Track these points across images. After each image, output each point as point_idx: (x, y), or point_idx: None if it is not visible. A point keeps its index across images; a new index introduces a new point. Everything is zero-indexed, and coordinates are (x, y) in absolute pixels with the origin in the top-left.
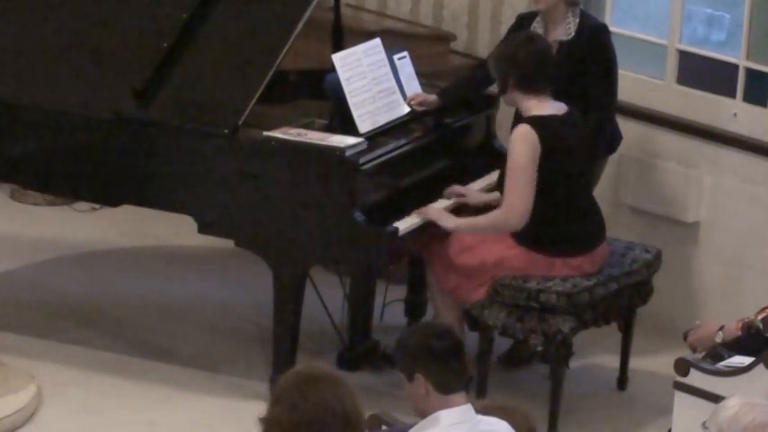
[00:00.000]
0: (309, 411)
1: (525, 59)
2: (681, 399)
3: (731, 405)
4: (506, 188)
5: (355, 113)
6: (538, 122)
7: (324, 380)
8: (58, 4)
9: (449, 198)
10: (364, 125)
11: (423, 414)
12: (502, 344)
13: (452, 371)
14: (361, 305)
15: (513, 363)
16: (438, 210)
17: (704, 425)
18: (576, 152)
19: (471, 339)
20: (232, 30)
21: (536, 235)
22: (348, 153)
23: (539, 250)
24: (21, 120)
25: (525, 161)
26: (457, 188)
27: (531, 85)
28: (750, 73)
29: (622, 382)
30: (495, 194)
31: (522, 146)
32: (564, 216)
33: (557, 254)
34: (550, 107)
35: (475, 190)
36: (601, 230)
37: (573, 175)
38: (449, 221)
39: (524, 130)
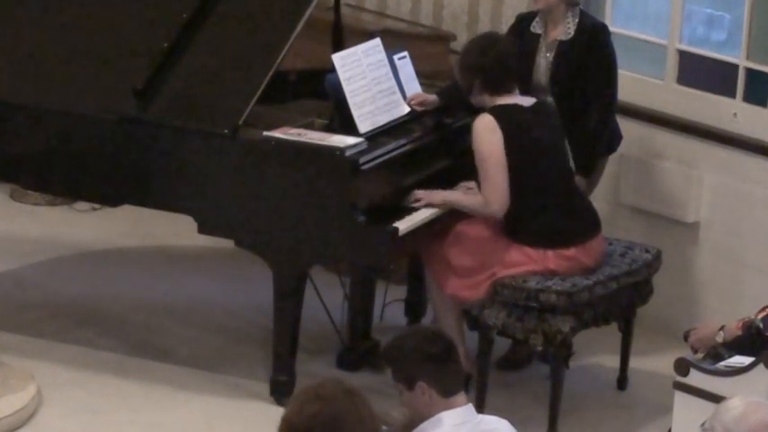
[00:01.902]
0: (318, 409)
1: (489, 64)
2: (681, 399)
3: (736, 405)
4: (480, 180)
5: (355, 113)
6: (498, 111)
7: (341, 386)
8: (59, 4)
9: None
10: (364, 125)
11: (424, 419)
12: (502, 343)
13: (452, 373)
14: (361, 305)
15: (510, 366)
16: (426, 192)
17: (703, 426)
18: (546, 141)
19: (471, 339)
20: (232, 30)
21: (522, 227)
22: (348, 153)
23: (530, 243)
24: (21, 120)
25: (490, 148)
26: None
27: (498, 87)
28: (750, 73)
29: (622, 382)
30: None
31: (483, 134)
32: (544, 206)
33: (548, 245)
34: (515, 99)
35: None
36: (592, 222)
37: (547, 163)
38: (435, 197)
39: (485, 119)
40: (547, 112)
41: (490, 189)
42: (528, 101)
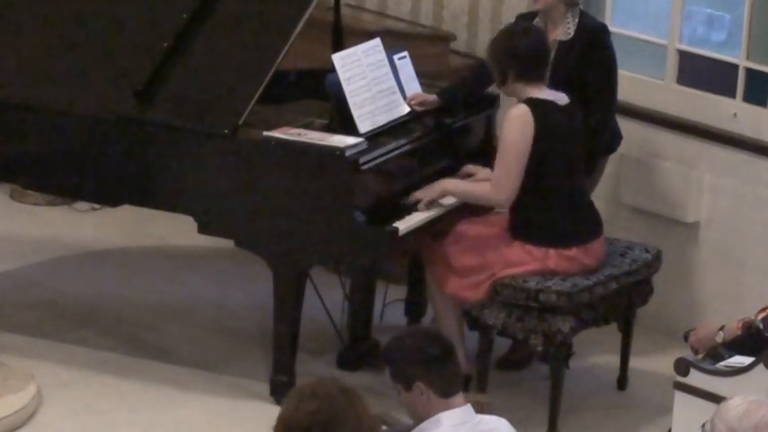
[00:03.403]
0: (316, 407)
1: (525, 52)
2: (681, 399)
3: (738, 404)
4: (496, 164)
5: (355, 113)
6: (534, 103)
7: (337, 385)
8: (59, 4)
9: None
10: (364, 125)
11: (422, 420)
12: (502, 343)
13: (450, 374)
14: (361, 305)
15: (510, 366)
16: (423, 190)
17: (703, 427)
18: (569, 142)
19: (471, 339)
20: (232, 30)
21: (528, 224)
22: (348, 153)
23: (533, 241)
24: (21, 120)
25: (516, 139)
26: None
27: (532, 76)
28: (750, 73)
29: (622, 382)
30: None
31: (515, 124)
32: (552, 204)
33: (550, 244)
34: (550, 94)
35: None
36: (595, 224)
37: (564, 164)
38: (434, 190)
39: (520, 109)
40: (576, 113)
41: (503, 177)
42: (562, 99)
